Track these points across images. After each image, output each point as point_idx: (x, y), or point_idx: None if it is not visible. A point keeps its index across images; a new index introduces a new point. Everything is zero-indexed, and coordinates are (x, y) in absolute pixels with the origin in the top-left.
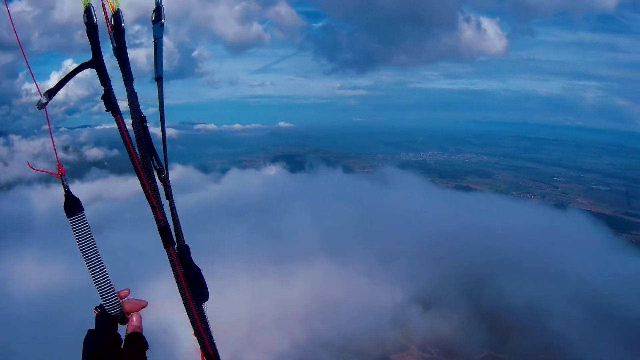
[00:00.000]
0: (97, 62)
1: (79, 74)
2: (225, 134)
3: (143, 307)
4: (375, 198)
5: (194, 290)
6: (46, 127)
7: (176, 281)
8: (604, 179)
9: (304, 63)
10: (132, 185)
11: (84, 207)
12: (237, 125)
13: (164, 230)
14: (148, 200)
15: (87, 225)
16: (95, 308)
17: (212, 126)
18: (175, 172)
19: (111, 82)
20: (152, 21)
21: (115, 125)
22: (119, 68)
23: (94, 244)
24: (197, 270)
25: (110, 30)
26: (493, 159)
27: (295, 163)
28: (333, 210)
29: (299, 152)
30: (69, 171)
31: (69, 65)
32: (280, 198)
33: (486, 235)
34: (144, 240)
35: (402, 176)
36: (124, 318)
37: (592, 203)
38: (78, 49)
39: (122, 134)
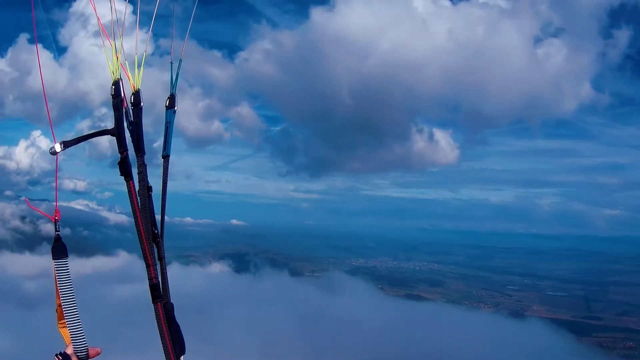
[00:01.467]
0: (118, 131)
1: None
2: (176, 226)
3: (98, 354)
4: (322, 305)
5: (174, 344)
6: (7, 192)
7: (160, 335)
8: (561, 285)
9: (260, 164)
10: (77, 267)
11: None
12: (188, 219)
13: (154, 287)
14: (144, 258)
15: (68, 271)
16: (56, 355)
17: None
18: (120, 259)
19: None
20: (166, 107)
21: (69, 204)
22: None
23: (72, 289)
24: (178, 327)
25: (129, 106)
26: (444, 267)
27: (242, 262)
28: (275, 315)
29: (248, 251)
30: (21, 241)
31: (37, 136)
32: (220, 299)
33: (440, 349)
34: None
35: (351, 282)
36: None
37: (549, 310)
38: (46, 121)
39: (130, 198)
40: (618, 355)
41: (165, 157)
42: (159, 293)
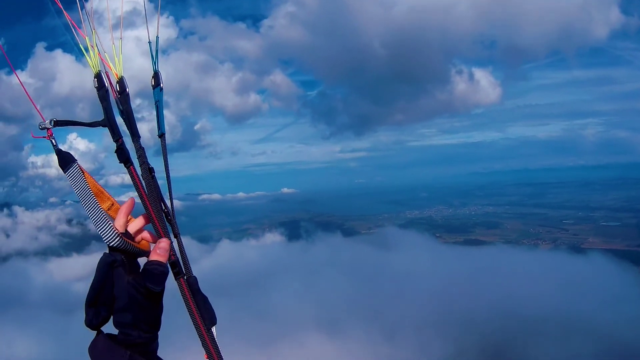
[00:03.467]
0: (109, 121)
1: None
2: (229, 203)
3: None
4: (378, 263)
5: (203, 315)
6: (52, 199)
7: (187, 309)
8: (614, 214)
9: (303, 130)
10: None
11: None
12: (240, 194)
13: (174, 264)
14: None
15: (80, 173)
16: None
17: (216, 196)
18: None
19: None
20: (152, 86)
21: (119, 198)
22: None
23: (89, 189)
24: (205, 298)
25: (116, 95)
26: (499, 208)
27: (296, 229)
28: (331, 280)
29: (302, 217)
30: (70, 244)
31: (74, 139)
32: (275, 270)
33: (502, 295)
34: None
35: (407, 235)
36: (139, 250)
37: (604, 241)
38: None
39: (134, 182)
40: None
41: (161, 135)
42: (180, 269)
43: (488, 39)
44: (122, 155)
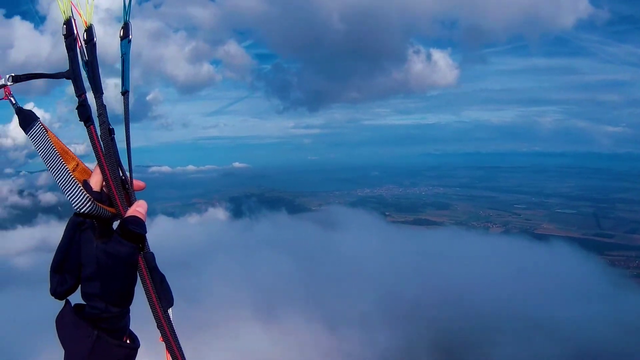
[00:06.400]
0: (74, 74)
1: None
2: (179, 175)
3: (141, 188)
4: (324, 243)
5: (160, 295)
6: (7, 170)
7: (144, 287)
8: (569, 202)
9: (256, 104)
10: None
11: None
12: (191, 167)
13: None
14: (115, 208)
15: (44, 133)
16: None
17: (166, 168)
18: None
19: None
20: (120, 37)
21: None
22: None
23: (54, 150)
24: (163, 277)
25: (82, 44)
26: (449, 190)
27: (245, 204)
28: (272, 261)
29: (253, 192)
30: (19, 216)
31: (30, 108)
32: (213, 249)
33: (456, 281)
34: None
35: (355, 214)
36: (112, 215)
37: (559, 227)
38: (37, 91)
39: (93, 144)
40: (632, 275)
41: (125, 93)
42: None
43: (449, 19)
44: (84, 112)
